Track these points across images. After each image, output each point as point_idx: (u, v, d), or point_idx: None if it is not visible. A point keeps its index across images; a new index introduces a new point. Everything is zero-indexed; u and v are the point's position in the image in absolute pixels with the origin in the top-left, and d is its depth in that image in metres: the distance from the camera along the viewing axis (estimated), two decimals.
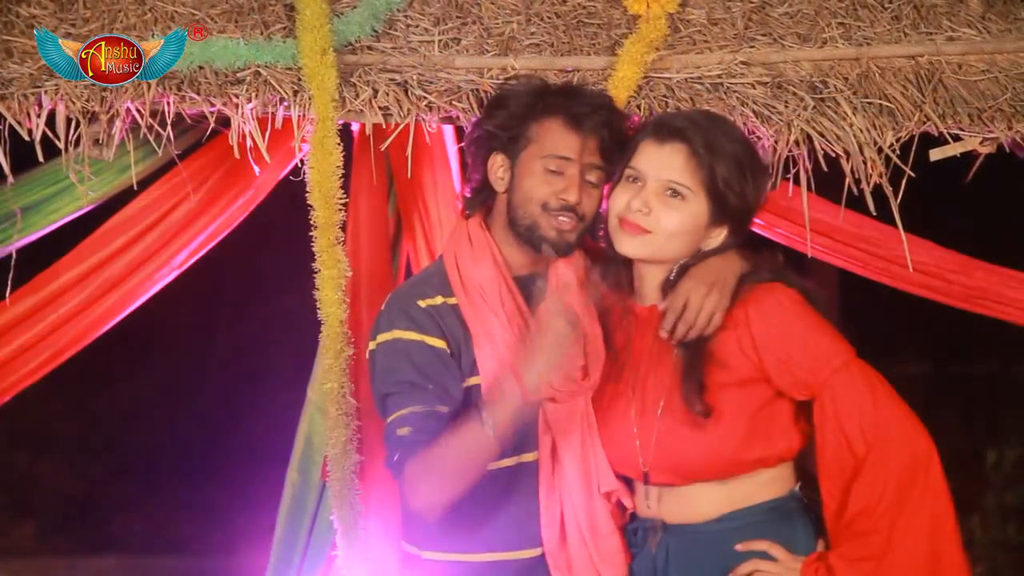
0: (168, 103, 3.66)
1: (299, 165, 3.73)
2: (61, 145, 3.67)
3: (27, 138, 3.66)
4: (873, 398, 3.01)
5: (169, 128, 3.69)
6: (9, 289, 3.86)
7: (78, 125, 3.67)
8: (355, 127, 3.91)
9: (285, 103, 3.69)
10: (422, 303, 3.18)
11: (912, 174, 3.66)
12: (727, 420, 3.04)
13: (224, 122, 3.73)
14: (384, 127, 3.72)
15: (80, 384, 6.99)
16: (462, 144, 3.42)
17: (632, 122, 3.49)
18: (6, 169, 3.71)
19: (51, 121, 3.66)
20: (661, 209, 3.09)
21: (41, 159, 3.71)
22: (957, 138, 3.70)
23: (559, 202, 3.16)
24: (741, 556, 3.07)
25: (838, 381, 3.01)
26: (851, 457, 3.00)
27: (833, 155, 3.69)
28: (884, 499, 2.98)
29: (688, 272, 3.10)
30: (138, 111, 3.66)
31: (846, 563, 3.00)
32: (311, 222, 3.68)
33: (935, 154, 3.70)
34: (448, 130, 4.03)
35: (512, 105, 3.24)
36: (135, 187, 3.86)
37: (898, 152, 3.67)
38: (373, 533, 4.03)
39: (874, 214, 3.76)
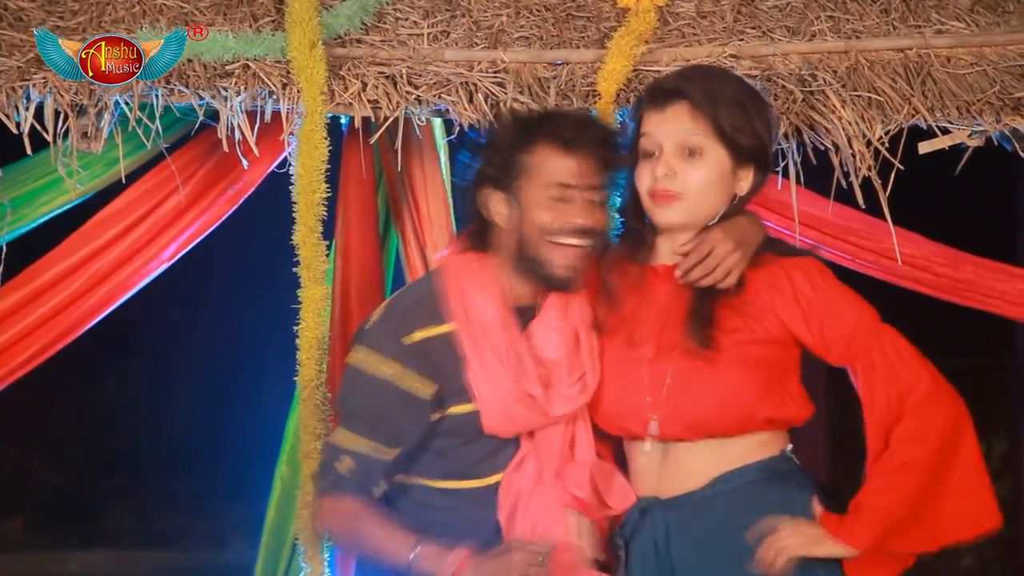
0: (156, 96, 3.66)
1: (288, 158, 3.74)
2: (49, 138, 3.67)
3: (15, 131, 3.65)
4: (919, 357, 3.08)
5: (158, 121, 3.68)
6: None
7: (66, 118, 3.67)
8: (345, 120, 3.91)
9: (274, 96, 3.69)
10: (408, 339, 3.11)
11: (901, 167, 3.67)
12: (748, 372, 3.06)
13: (213, 115, 3.73)
14: (374, 120, 3.72)
15: (70, 378, 6.98)
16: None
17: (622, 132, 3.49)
18: None
19: (39, 114, 3.66)
20: (685, 169, 3.10)
21: (29, 152, 3.71)
22: (946, 131, 3.70)
23: (568, 225, 3.11)
24: (738, 521, 3.06)
25: (887, 340, 3.07)
26: (899, 406, 3.04)
27: (822, 148, 3.69)
28: (928, 443, 3.02)
29: (718, 224, 3.13)
30: (126, 104, 3.66)
31: (878, 492, 3.02)
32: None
33: (924, 147, 3.71)
34: (437, 123, 4.02)
35: (499, 140, 3.17)
36: (123, 180, 3.85)
37: (887, 145, 3.68)
38: None
39: (863, 207, 3.76)
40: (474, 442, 3.16)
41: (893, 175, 3.67)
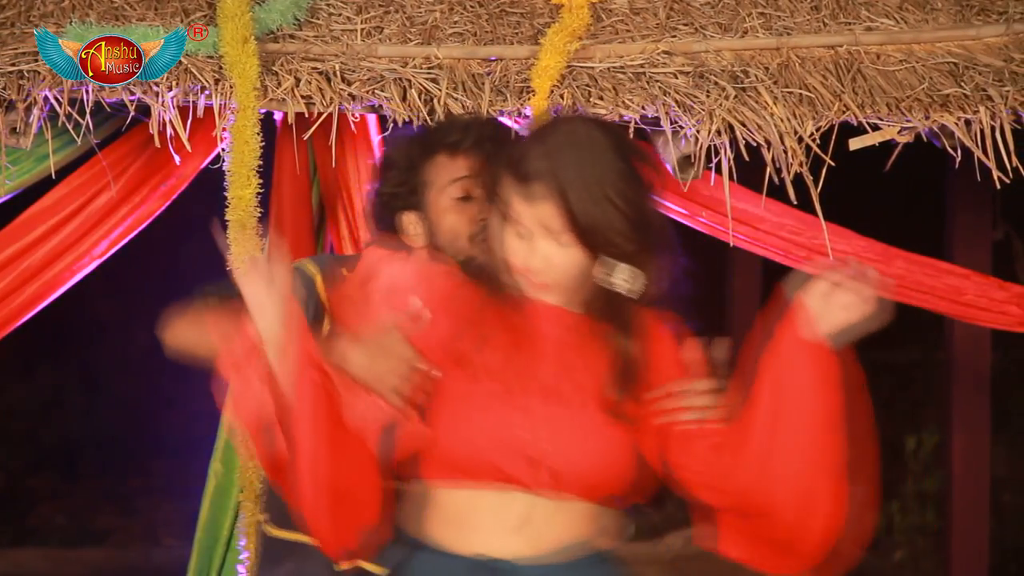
0: (87, 91, 3.62)
1: (221, 154, 3.72)
2: None
3: None
4: None
5: (88, 117, 3.65)
6: None
7: None
8: (278, 116, 3.89)
9: (206, 92, 3.66)
10: None
11: (832, 163, 3.69)
12: (654, 427, 2.74)
13: (144, 111, 3.70)
14: (307, 116, 3.71)
15: None
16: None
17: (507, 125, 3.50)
18: None
19: None
20: (555, 253, 2.71)
21: None
22: (876, 127, 3.73)
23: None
24: None
25: None
26: None
27: (754, 144, 3.71)
28: None
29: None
30: (56, 99, 3.63)
31: None
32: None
33: (854, 143, 3.74)
34: (371, 119, 4.01)
35: (399, 161, 3.19)
36: (53, 176, 3.82)
37: (818, 141, 3.70)
38: None
39: (795, 203, 3.79)
40: None
41: (824, 171, 3.70)
